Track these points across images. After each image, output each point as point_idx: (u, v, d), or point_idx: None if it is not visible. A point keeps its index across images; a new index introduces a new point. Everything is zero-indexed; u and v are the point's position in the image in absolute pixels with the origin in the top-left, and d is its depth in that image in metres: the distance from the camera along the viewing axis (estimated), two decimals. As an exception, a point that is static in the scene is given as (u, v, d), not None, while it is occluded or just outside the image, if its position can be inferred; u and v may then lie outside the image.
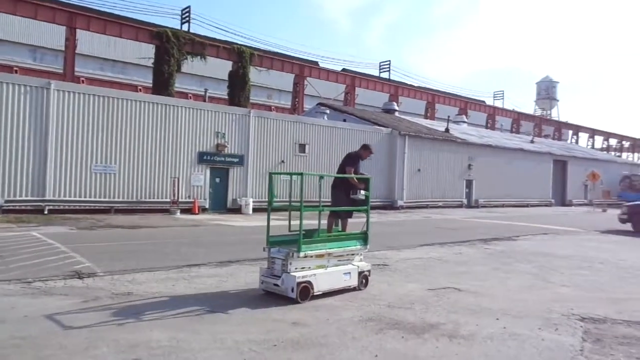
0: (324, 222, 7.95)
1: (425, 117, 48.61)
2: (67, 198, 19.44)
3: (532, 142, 46.32)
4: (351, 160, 8.44)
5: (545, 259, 11.52)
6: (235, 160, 24.19)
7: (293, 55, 43.68)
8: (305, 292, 6.67)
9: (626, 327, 6.07)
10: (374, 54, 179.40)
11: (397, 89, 47.62)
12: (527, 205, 38.67)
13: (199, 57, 33.19)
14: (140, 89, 35.41)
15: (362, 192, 7.86)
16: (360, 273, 7.52)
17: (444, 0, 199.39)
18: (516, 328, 5.82)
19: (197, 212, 21.96)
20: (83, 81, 32.22)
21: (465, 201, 35.30)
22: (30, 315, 5.70)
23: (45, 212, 18.65)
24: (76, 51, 30.12)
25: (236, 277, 8.41)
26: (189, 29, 36.10)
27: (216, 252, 11.00)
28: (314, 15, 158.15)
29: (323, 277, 6.95)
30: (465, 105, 54.68)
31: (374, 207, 29.85)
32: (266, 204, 7.34)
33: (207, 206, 23.08)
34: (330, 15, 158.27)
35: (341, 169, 8.42)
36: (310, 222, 7.76)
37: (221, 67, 38.10)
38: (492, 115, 58.58)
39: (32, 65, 36.82)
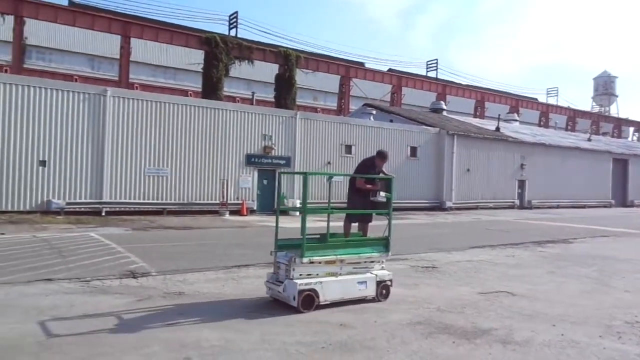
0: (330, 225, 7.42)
1: (475, 116, 47.46)
2: (123, 200, 20.23)
3: (589, 140, 44.27)
4: (363, 168, 7.83)
5: (604, 263, 10.94)
6: (282, 162, 24.41)
7: (339, 57, 43.71)
8: (308, 301, 6.18)
9: (698, 337, 5.64)
10: (421, 53, 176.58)
11: (444, 88, 46.76)
12: (584, 207, 36.93)
13: (246, 61, 33.86)
14: (190, 94, 36.44)
15: (382, 193, 7.17)
16: (379, 283, 6.83)
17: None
18: (575, 335, 5.53)
19: (245, 213, 22.30)
20: (137, 87, 33.49)
21: (517, 202, 34.14)
22: (88, 313, 5.94)
23: (103, 213, 19.47)
24: (130, 59, 31.36)
25: (283, 278, 8.44)
26: (236, 34, 36.83)
27: (264, 254, 11.04)
28: (359, 16, 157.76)
29: (332, 286, 6.41)
30: (516, 103, 53.02)
31: (421, 209, 29.50)
32: (313, 205, 7.25)
33: (255, 208, 23.39)
34: (375, 15, 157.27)
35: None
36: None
37: (268, 70, 38.63)
38: (545, 113, 56.46)
39: (90, 74, 38.66)
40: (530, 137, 37.69)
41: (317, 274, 6.37)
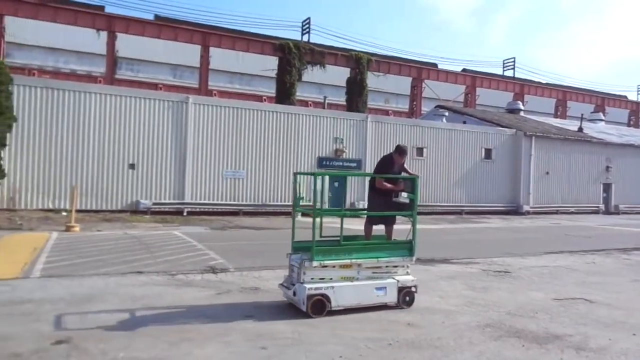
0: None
1: (555, 116, 45.15)
2: (202, 201, 21.42)
3: (687, 140, 40.63)
4: (381, 167, 7.47)
5: (699, 273, 10.17)
6: (353, 164, 24.69)
7: (410, 59, 43.26)
8: (318, 306, 5.99)
9: None
10: (498, 52, 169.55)
11: (522, 87, 44.91)
12: (680, 212, 34.00)
13: (318, 65, 34.52)
14: (264, 99, 37.66)
15: (405, 194, 6.80)
16: (401, 289, 6.48)
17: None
18: (656, 345, 5.31)
19: (316, 215, 22.71)
20: (215, 94, 35.16)
21: (602, 207, 32.08)
22: (174, 304, 6.52)
23: (184, 213, 20.71)
24: (209, 67, 33.05)
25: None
26: (309, 39, 37.61)
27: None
28: (432, 18, 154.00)
29: (346, 291, 6.16)
30: (602, 101, 49.79)
31: (496, 212, 28.51)
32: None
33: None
34: (449, 16, 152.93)
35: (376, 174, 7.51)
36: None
37: (339, 74, 39.07)
38: (635, 111, 52.56)
39: (173, 82, 41.07)
40: (617, 138, 35.30)
41: (331, 278, 6.16)
